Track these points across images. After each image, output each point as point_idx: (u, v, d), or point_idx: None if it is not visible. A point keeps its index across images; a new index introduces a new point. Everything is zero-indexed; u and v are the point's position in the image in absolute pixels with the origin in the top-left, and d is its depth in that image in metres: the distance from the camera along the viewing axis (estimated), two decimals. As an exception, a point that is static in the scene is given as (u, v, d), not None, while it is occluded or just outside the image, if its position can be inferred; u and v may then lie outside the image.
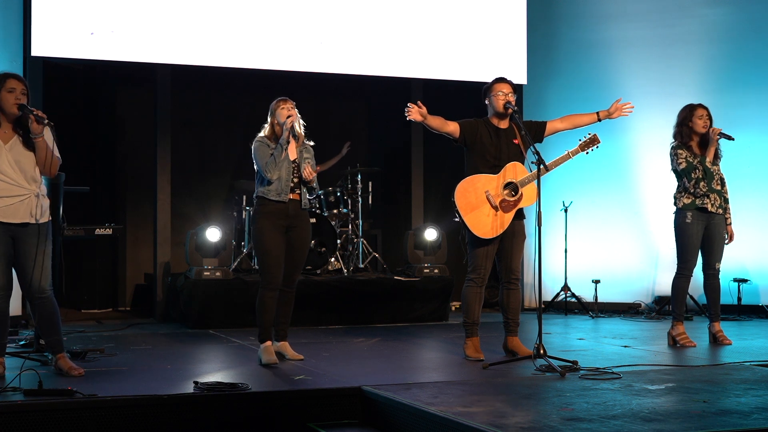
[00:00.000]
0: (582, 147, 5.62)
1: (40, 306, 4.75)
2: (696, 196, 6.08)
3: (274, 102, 5.40)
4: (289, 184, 5.30)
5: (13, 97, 4.61)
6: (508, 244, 5.54)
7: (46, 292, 4.75)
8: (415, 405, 3.94)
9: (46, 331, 4.85)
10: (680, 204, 6.16)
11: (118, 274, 9.04)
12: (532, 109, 9.15)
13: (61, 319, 4.89)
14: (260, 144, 5.34)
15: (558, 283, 8.90)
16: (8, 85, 4.62)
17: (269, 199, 5.29)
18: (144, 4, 7.77)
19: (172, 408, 4.10)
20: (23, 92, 4.65)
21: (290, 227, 5.35)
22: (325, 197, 8.37)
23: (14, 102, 4.61)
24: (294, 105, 5.39)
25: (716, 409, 3.82)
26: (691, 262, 6.16)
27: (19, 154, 4.63)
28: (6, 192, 4.60)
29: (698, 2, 8.98)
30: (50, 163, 4.69)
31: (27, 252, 4.65)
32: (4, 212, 4.60)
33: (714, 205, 6.10)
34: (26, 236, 4.64)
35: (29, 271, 4.66)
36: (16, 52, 7.55)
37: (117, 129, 9.05)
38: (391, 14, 8.52)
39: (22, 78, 4.74)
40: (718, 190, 6.14)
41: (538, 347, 5.02)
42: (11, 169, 4.61)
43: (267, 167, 5.24)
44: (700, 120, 6.12)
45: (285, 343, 5.48)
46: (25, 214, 4.63)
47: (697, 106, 6.18)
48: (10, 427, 3.83)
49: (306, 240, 5.47)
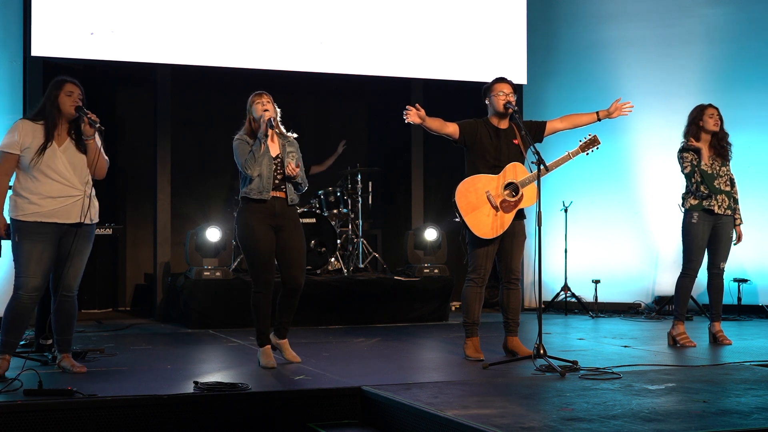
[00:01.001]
0: (582, 148, 5.62)
1: (63, 303, 4.81)
2: (701, 198, 6.09)
3: (250, 97, 5.22)
4: (271, 181, 5.11)
5: (72, 100, 4.74)
6: (509, 244, 5.54)
7: (73, 292, 4.83)
8: (415, 405, 3.94)
9: (60, 329, 4.88)
10: (687, 205, 6.18)
11: (118, 274, 9.04)
12: (532, 109, 9.15)
13: (76, 321, 4.96)
14: (239, 141, 5.18)
15: (558, 283, 8.90)
16: (67, 89, 4.75)
17: (251, 198, 5.12)
18: (144, 4, 7.77)
19: (172, 408, 4.10)
20: (80, 97, 4.78)
21: (279, 228, 5.17)
22: (325, 197, 8.38)
23: (72, 104, 4.73)
24: (270, 99, 5.20)
25: (716, 409, 3.82)
26: (696, 263, 6.16)
27: (73, 155, 4.74)
28: (61, 192, 4.69)
29: (698, 2, 8.98)
30: (101, 166, 4.84)
31: (68, 250, 4.74)
32: (59, 213, 4.69)
33: (722, 207, 6.11)
34: (75, 236, 4.73)
35: (64, 269, 4.75)
36: (16, 52, 7.55)
37: (117, 129, 9.04)
38: (391, 14, 8.52)
39: (80, 84, 4.84)
40: (727, 191, 6.14)
41: (538, 347, 5.02)
42: (66, 170, 4.70)
43: (246, 164, 5.07)
44: (711, 119, 6.14)
45: (285, 341, 5.35)
46: (79, 215, 4.72)
47: (707, 105, 6.21)
48: (10, 427, 3.83)
49: (299, 239, 5.25)
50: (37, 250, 4.65)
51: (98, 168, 4.81)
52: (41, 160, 4.65)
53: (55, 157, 4.68)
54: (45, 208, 4.66)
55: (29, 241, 4.64)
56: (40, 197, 4.66)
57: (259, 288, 5.17)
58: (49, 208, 4.66)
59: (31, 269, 4.64)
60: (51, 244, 4.70)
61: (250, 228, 5.14)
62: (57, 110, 4.72)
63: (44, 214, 4.66)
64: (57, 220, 4.69)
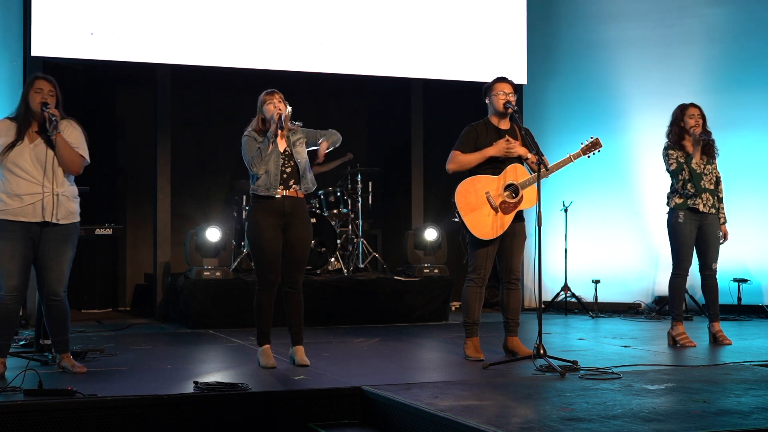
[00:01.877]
0: (584, 150, 5.60)
1: (51, 309, 4.79)
2: (686, 197, 6.08)
3: (262, 94, 5.23)
4: (278, 177, 5.12)
5: (40, 96, 4.70)
6: (509, 244, 5.54)
7: (59, 296, 4.79)
8: (415, 405, 3.94)
9: (54, 332, 4.87)
10: (672, 204, 6.16)
11: (118, 274, 9.04)
12: (532, 109, 9.15)
13: (70, 320, 4.93)
14: (248, 138, 5.20)
15: (558, 283, 8.90)
16: (36, 86, 4.73)
17: (260, 195, 5.14)
18: (144, 4, 7.77)
19: (172, 408, 4.10)
20: (51, 93, 4.73)
21: (287, 225, 5.18)
22: (325, 197, 8.38)
23: (40, 100, 4.70)
24: (282, 98, 5.22)
25: (716, 409, 3.82)
26: (686, 262, 6.16)
27: (41, 152, 4.69)
28: (26, 189, 4.65)
29: (698, 2, 8.98)
30: (70, 161, 4.74)
31: (45, 253, 4.70)
32: (24, 211, 4.65)
33: (706, 205, 6.09)
34: (47, 237, 4.68)
35: (44, 273, 4.71)
36: (16, 52, 7.55)
37: (117, 129, 9.05)
38: (391, 14, 8.51)
39: (53, 80, 4.80)
40: (711, 190, 6.12)
41: (538, 347, 5.02)
42: (33, 168, 4.66)
43: (253, 161, 5.10)
44: (691, 119, 6.10)
45: (298, 347, 5.27)
46: (44, 213, 4.65)
47: (689, 105, 6.17)
48: (10, 427, 3.83)
49: (305, 239, 5.26)
50: (8, 248, 4.62)
51: (65, 163, 4.72)
52: (7, 158, 4.63)
53: (23, 154, 4.65)
54: (11, 206, 4.63)
55: (0, 239, 4.63)
56: (7, 195, 4.64)
57: (263, 287, 5.19)
58: (15, 206, 4.63)
59: (5, 268, 4.63)
60: (21, 243, 4.65)
61: (258, 227, 5.16)
62: (27, 107, 4.71)
63: (10, 212, 4.63)
64: (23, 218, 4.64)
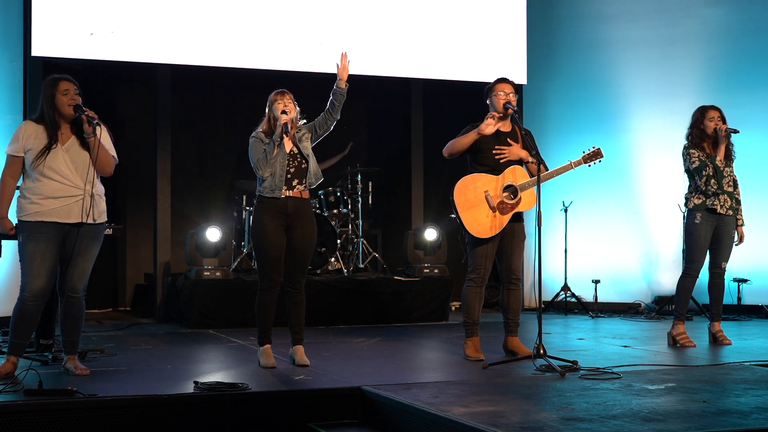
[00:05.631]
0: (585, 159, 5.62)
1: (69, 305, 4.80)
2: (707, 195, 6.08)
3: (272, 94, 5.26)
4: (283, 178, 5.14)
5: (68, 98, 4.69)
6: (509, 244, 5.54)
7: (79, 293, 4.80)
8: (415, 405, 3.94)
9: (66, 330, 4.86)
10: (691, 205, 6.16)
11: (118, 274, 9.04)
12: (532, 109, 9.15)
13: (83, 322, 4.94)
14: (255, 140, 5.22)
15: (558, 283, 8.90)
16: (62, 88, 4.70)
17: (265, 197, 5.17)
18: (144, 4, 7.77)
19: (172, 408, 4.10)
20: (76, 92, 4.72)
21: (290, 226, 5.20)
22: (325, 197, 8.37)
23: (69, 103, 4.68)
24: (291, 98, 5.25)
25: (716, 409, 3.82)
26: (697, 263, 6.16)
27: (76, 154, 4.71)
28: (62, 192, 4.67)
29: (698, 2, 8.98)
30: (104, 163, 4.77)
31: (73, 249, 4.72)
32: (59, 212, 4.67)
33: (724, 207, 6.10)
34: (79, 234, 4.70)
35: (68, 269, 4.73)
36: (16, 52, 7.55)
37: (117, 129, 9.01)
38: (391, 15, 8.51)
39: (73, 79, 4.79)
40: (730, 192, 6.13)
41: (538, 347, 5.02)
42: (68, 170, 4.68)
43: (258, 164, 5.13)
44: (711, 122, 6.11)
45: (298, 347, 5.29)
46: (80, 214, 4.69)
47: (709, 107, 6.18)
48: (10, 427, 3.83)
49: (308, 240, 5.26)
50: (40, 250, 4.64)
51: (100, 164, 4.76)
52: (43, 162, 4.64)
53: (57, 157, 4.67)
54: (45, 207, 4.65)
55: (32, 241, 4.64)
56: (41, 197, 4.65)
57: (265, 286, 5.21)
58: (48, 208, 4.65)
59: (35, 269, 4.64)
60: (53, 244, 4.68)
61: (261, 226, 5.17)
62: (56, 111, 4.69)
63: (44, 214, 4.65)
64: (57, 219, 4.67)
